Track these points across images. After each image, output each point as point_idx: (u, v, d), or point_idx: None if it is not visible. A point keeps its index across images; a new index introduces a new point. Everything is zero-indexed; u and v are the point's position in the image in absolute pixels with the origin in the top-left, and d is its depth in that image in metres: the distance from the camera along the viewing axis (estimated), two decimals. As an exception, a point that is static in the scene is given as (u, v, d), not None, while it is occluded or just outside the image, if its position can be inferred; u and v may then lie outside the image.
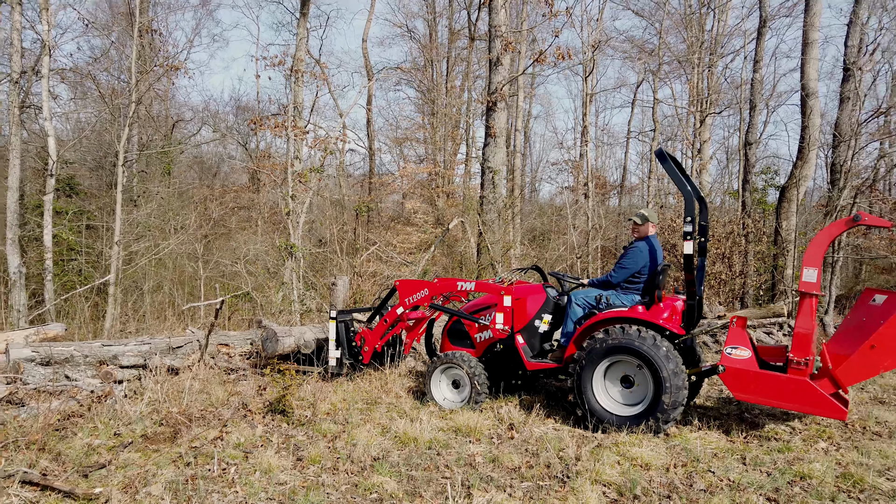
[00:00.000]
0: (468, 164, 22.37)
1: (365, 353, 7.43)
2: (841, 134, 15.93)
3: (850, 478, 4.93)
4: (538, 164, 33.78)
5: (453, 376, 6.91)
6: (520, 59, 20.61)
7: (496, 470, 5.04)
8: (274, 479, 4.76)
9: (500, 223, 13.74)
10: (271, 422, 6.18)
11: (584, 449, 5.47)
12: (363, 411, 6.53)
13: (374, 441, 5.58)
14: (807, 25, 16.25)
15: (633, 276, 6.69)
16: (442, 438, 5.73)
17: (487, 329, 7.01)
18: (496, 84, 14.03)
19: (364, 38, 25.90)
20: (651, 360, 5.97)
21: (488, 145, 14.01)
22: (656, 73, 24.57)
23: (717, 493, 4.60)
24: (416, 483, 4.75)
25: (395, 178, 21.53)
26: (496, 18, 14.32)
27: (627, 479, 4.80)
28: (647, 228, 6.85)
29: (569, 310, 6.76)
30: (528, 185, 30.93)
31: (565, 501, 4.45)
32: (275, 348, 7.47)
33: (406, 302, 7.31)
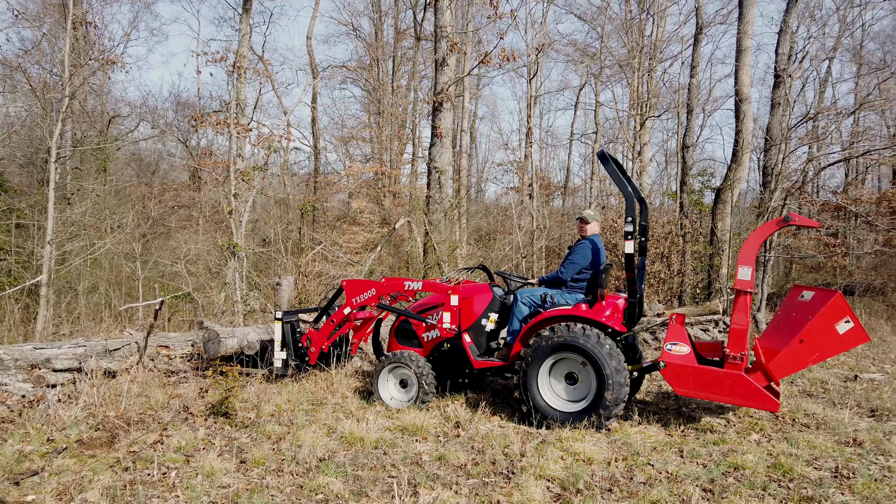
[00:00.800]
0: (414, 164, 22.41)
1: (312, 353, 7.38)
2: (772, 138, 16.57)
3: (781, 468, 5.14)
4: (484, 165, 34.04)
5: (401, 376, 6.92)
6: (465, 59, 20.75)
7: (442, 468, 5.07)
8: (217, 482, 4.68)
9: (446, 223, 13.79)
10: (214, 424, 6.07)
11: (529, 445, 5.55)
12: (308, 412, 6.47)
13: (319, 442, 5.54)
14: (740, 33, 16.86)
15: (577, 274, 6.82)
16: (388, 438, 5.73)
17: (435, 328, 7.03)
18: (442, 84, 14.08)
19: (309, 36, 25.61)
20: (594, 358, 6.10)
21: (435, 145, 14.05)
22: (598, 76, 25.08)
23: (655, 486, 4.74)
24: (363, 483, 4.74)
25: (340, 178, 21.38)
26: (442, 19, 14.38)
27: (570, 473, 4.90)
28: (592, 227, 7.02)
29: (514, 308, 6.85)
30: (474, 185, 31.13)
31: (510, 497, 4.50)
32: (217, 350, 7.34)
33: (353, 302, 7.29)
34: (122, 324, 10.28)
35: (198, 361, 7.51)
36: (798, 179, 18.41)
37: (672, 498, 4.51)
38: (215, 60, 14.45)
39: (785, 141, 16.40)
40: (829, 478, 5.00)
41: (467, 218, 19.04)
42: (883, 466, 5.29)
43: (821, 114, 20.93)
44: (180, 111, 26.65)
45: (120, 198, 15.99)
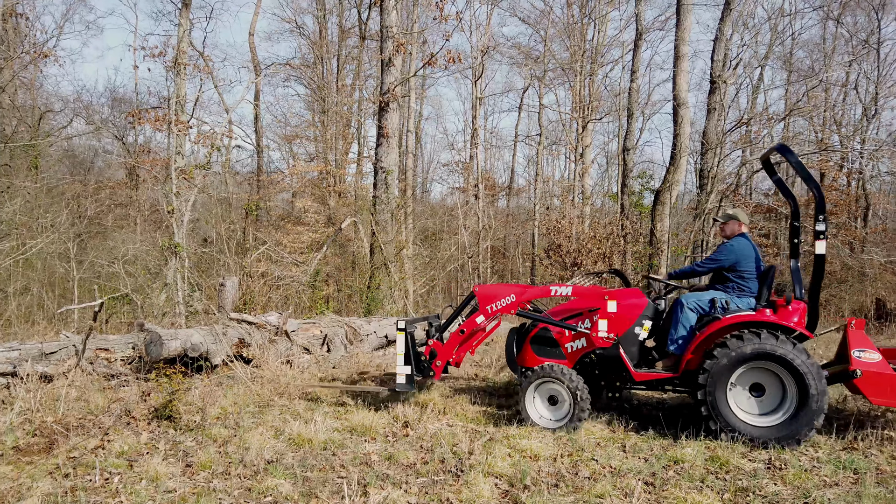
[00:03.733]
0: (360, 164, 22.30)
1: (437, 367, 6.68)
2: (708, 142, 17.17)
3: (718, 460, 5.35)
4: (429, 165, 34.14)
5: (549, 392, 6.31)
6: (411, 60, 20.78)
7: (392, 467, 5.10)
8: (162, 486, 4.60)
9: (393, 223, 13.80)
10: (157, 428, 5.95)
11: (477, 443, 5.62)
12: (255, 414, 6.40)
13: (267, 444, 5.49)
14: (678, 39, 17.40)
15: (740, 276, 6.42)
16: (337, 439, 5.73)
17: (581, 337, 6.48)
18: (388, 84, 14.09)
19: (251, 33, 25.21)
20: (795, 367, 5.70)
21: (381, 145, 14.05)
22: (542, 79, 25.46)
23: (600, 480, 4.87)
24: (312, 484, 4.73)
25: (284, 177, 21.12)
26: (388, 19, 14.38)
27: (518, 470, 4.99)
28: (734, 226, 6.65)
29: (680, 315, 6.33)
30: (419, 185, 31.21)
31: (459, 495, 4.56)
32: (159, 352, 7.18)
33: (488, 310, 6.61)
34: (57, 327, 9.93)
35: (139, 364, 7.33)
36: (732, 182, 19.13)
37: (616, 491, 4.64)
38: (154, 56, 14.09)
39: (720, 145, 17.03)
40: (762, 469, 5.22)
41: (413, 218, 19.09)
42: (812, 458, 5.56)
43: (753, 119, 21.82)
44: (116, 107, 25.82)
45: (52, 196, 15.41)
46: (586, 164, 24.00)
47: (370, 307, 12.30)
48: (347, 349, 8.70)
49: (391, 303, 12.68)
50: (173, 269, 10.35)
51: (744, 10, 19.54)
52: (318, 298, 11.94)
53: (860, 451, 5.74)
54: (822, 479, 5.05)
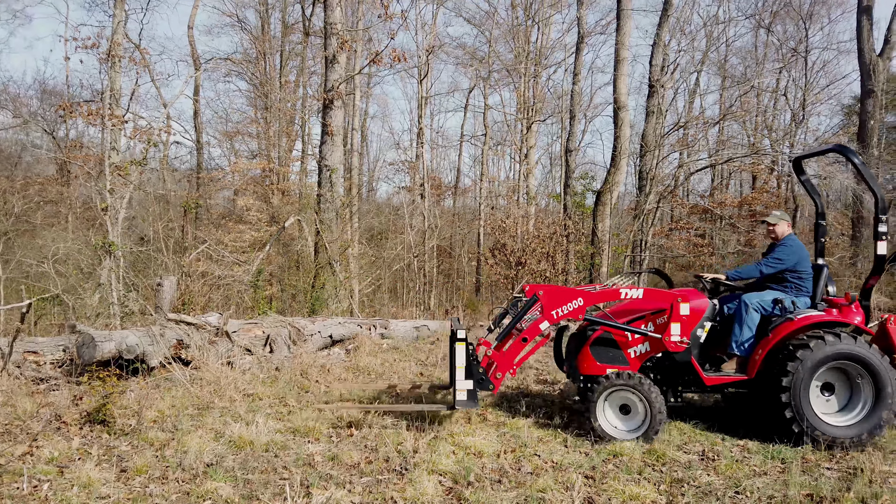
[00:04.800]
0: (304, 162, 22.02)
1: (496, 380, 6.13)
2: (647, 144, 17.61)
3: (655, 453, 5.52)
4: (375, 164, 33.96)
5: (621, 400, 6.01)
6: (356, 58, 20.62)
7: (335, 468, 5.06)
8: (95, 492, 4.45)
9: (338, 222, 13.68)
10: (90, 433, 5.75)
11: (422, 442, 5.62)
12: (194, 417, 6.24)
13: (206, 447, 5.37)
14: (618, 44, 17.79)
15: (793, 274, 6.41)
16: (280, 440, 5.64)
17: (645, 342, 6.24)
18: (332, 82, 13.95)
19: (190, 26, 24.67)
20: (873, 367, 5.75)
21: (325, 143, 13.90)
22: (487, 80, 25.64)
23: (542, 475, 4.96)
24: (253, 486, 4.66)
25: (225, 174, 20.68)
26: (332, 16, 14.24)
27: (462, 467, 5.03)
28: (783, 227, 6.61)
29: (744, 316, 6.21)
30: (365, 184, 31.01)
31: (403, 493, 4.56)
32: (92, 354, 6.92)
33: (553, 315, 6.13)
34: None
35: (71, 367, 7.05)
36: (670, 183, 19.66)
37: (557, 486, 4.73)
38: (86, 47, 13.56)
39: (658, 147, 17.49)
40: (696, 461, 5.42)
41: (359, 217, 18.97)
42: (743, 448, 5.79)
43: (690, 123, 22.49)
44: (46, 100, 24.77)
45: (-25, 192, 14.71)
46: (531, 164, 24.29)
47: (314, 307, 12.16)
48: (291, 349, 8.58)
49: (336, 302, 12.56)
50: (107, 268, 9.98)
51: (680, 17, 20.15)
52: (261, 298, 11.73)
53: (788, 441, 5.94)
54: (752, 468, 5.27)
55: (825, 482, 4.90)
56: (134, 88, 19.38)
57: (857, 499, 4.56)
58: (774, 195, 24.90)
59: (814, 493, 4.67)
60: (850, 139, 22.58)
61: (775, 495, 4.66)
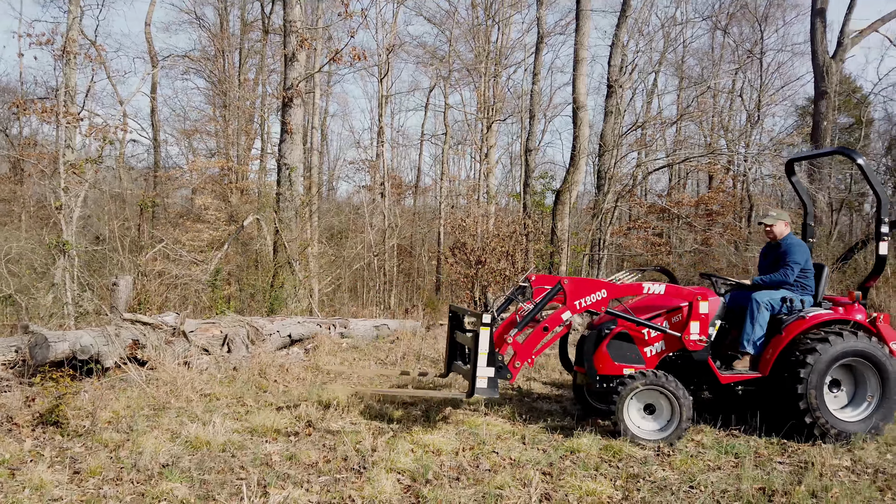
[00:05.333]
0: (263, 160, 21.82)
1: (514, 369, 5.98)
2: (605, 144, 17.88)
3: (611, 449, 5.62)
4: (335, 163, 33.74)
5: (646, 399, 5.95)
6: (316, 56, 20.50)
7: (293, 467, 5.05)
8: (47, 495, 4.36)
9: (297, 221, 13.61)
10: (43, 434, 5.62)
11: (380, 440, 5.63)
12: (150, 418, 6.16)
13: (162, 447, 5.29)
14: (577, 44, 18.01)
15: (805, 275, 6.50)
16: (237, 440, 5.60)
17: (661, 340, 6.22)
18: (292, 80, 13.87)
19: (147, 22, 24.15)
20: (881, 363, 6.01)
21: (285, 141, 13.81)
22: (447, 79, 25.71)
23: (500, 472, 5.01)
24: (210, 487, 4.62)
25: (183, 172, 20.36)
26: (291, 13, 14.15)
27: (420, 465, 5.06)
28: (782, 227, 6.66)
29: (756, 313, 6.24)
30: (325, 183, 30.81)
31: (361, 491, 4.57)
32: (45, 355, 6.79)
33: (576, 305, 6.05)
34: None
35: (23, 368, 6.91)
36: (628, 183, 20.02)
37: (515, 482, 4.78)
38: (41, 43, 13.23)
39: (617, 147, 17.78)
40: (652, 456, 5.53)
41: (319, 216, 18.87)
42: (698, 444, 5.94)
43: (648, 123, 22.90)
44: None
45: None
46: (491, 163, 24.43)
47: (273, 306, 12.08)
48: (249, 349, 8.53)
49: (295, 302, 12.50)
50: (61, 268, 9.77)
51: (639, 18, 20.48)
52: (219, 298, 11.60)
53: (741, 437, 6.14)
54: (707, 463, 5.40)
55: (777, 476, 5.04)
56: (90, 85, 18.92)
57: (808, 492, 4.70)
58: (730, 195, 25.49)
59: (766, 487, 4.80)
60: (804, 140, 23.26)
61: (728, 489, 4.78)
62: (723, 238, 20.22)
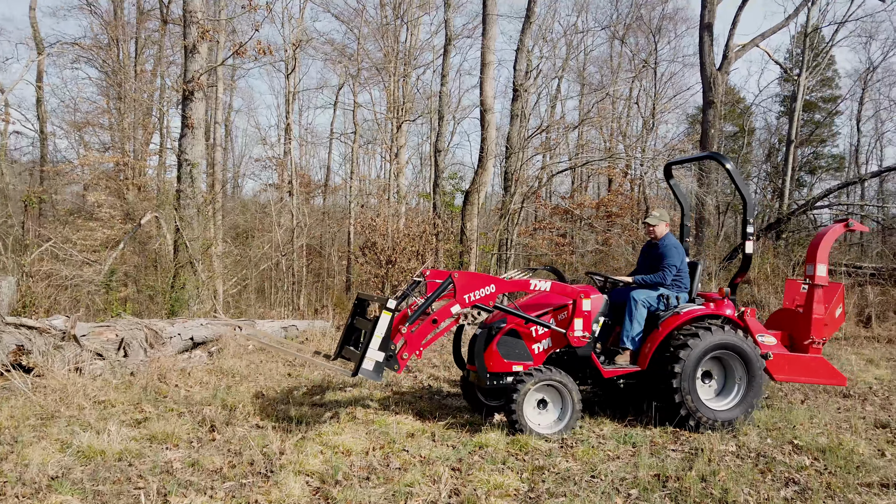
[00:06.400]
0: (162, 156, 20.83)
1: (403, 360, 5.88)
2: (512, 146, 18.24)
3: (518, 443, 5.76)
4: (240, 160, 32.75)
5: (539, 395, 6.12)
6: (219, 48, 19.77)
7: (196, 474, 4.88)
8: (-85, 518, 4.03)
9: (200, 219, 13.07)
10: (-90, 449, 5.16)
11: (288, 443, 5.51)
12: (37, 427, 5.77)
13: (51, 458, 4.99)
14: (484, 48, 18.28)
15: (679, 273, 6.80)
16: (134, 448, 5.34)
17: (547, 337, 6.37)
18: (193, 72, 13.33)
19: (32, 7, 22.62)
20: (746, 355, 6.40)
21: (185, 136, 13.24)
22: (356, 77, 25.47)
23: (410, 469, 5.03)
24: (104, 498, 4.40)
25: (74, 167, 19.14)
26: (192, 4, 13.60)
27: (330, 466, 5.01)
28: (662, 227, 6.98)
29: (634, 311, 6.53)
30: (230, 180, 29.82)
31: (269, 496, 4.47)
32: (-86, 364, 6.22)
33: (465, 299, 6.06)
34: None
35: None
36: (534, 185, 20.50)
37: (425, 479, 4.81)
38: None
39: (523, 149, 18.17)
40: (556, 449, 5.71)
41: (223, 214, 18.23)
42: (599, 435, 6.18)
43: (552, 127, 23.53)
44: None
45: None
46: (401, 163, 24.39)
47: (174, 308, 11.57)
48: (147, 353, 8.12)
49: (198, 303, 12.01)
50: (-70, 268, 8.95)
51: (543, 25, 21.04)
52: (115, 300, 10.99)
53: (638, 427, 6.45)
54: (607, 453, 5.63)
55: (670, 463, 5.31)
56: (-36, 71, 17.52)
57: (698, 476, 4.95)
58: (628, 197, 26.54)
59: (660, 473, 5.04)
60: (694, 146, 24.55)
61: (627, 477, 4.99)
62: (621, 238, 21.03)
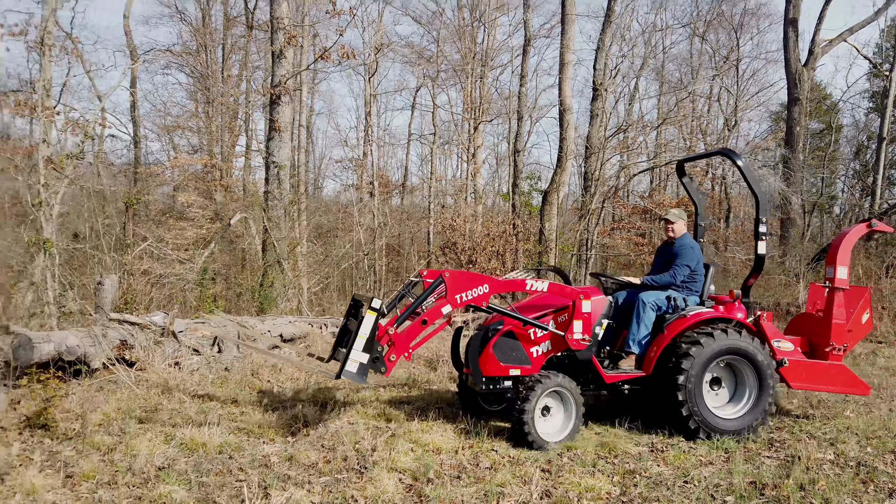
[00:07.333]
0: (248, 158, 21.53)
1: (390, 362, 5.62)
2: (591, 146, 17.94)
3: (607, 446, 5.70)
4: (321, 161, 33.53)
5: (544, 402, 5.81)
6: (302, 53, 20.29)
7: (293, 468, 4.99)
8: (40, 499, 4.26)
9: (286, 219, 13.43)
10: (31, 438, 5.48)
11: (380, 440, 5.60)
12: (142, 420, 6.04)
13: (157, 450, 5.22)
14: (563, 47, 18.11)
15: (693, 275, 6.55)
16: (233, 441, 5.52)
17: (546, 340, 6.06)
18: (280, 77, 13.70)
19: (126, 15, 23.77)
20: (757, 361, 6.06)
21: (273, 139, 13.63)
22: (434, 79, 25.65)
23: (500, 469, 5.01)
24: (209, 489, 4.55)
25: (165, 169, 20.01)
26: (278, 10, 13.97)
27: (421, 464, 5.05)
28: (681, 226, 6.74)
29: (642, 313, 6.28)
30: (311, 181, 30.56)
31: (364, 491, 4.54)
32: (30, 356, 6.58)
33: (457, 299, 5.80)
34: None
35: (6, 370, 6.68)
36: (613, 185, 20.10)
37: (515, 480, 4.80)
38: (14, 34, 12.92)
39: (603, 149, 17.85)
40: (647, 452, 5.61)
41: (307, 215, 18.68)
42: (688, 441, 5.98)
43: (632, 126, 23.03)
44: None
45: None
46: (478, 163, 24.46)
47: (263, 306, 11.92)
48: (240, 349, 8.37)
49: (285, 301, 12.33)
50: (41, 266, 9.47)
51: (622, 24, 20.61)
52: (207, 297, 11.41)
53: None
54: (699, 458, 5.48)
55: (766, 470, 5.13)
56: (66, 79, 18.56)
57: (796, 485, 4.79)
58: (710, 196, 25.76)
59: (756, 481, 4.88)
60: (779, 144, 23.56)
61: (721, 483, 4.85)
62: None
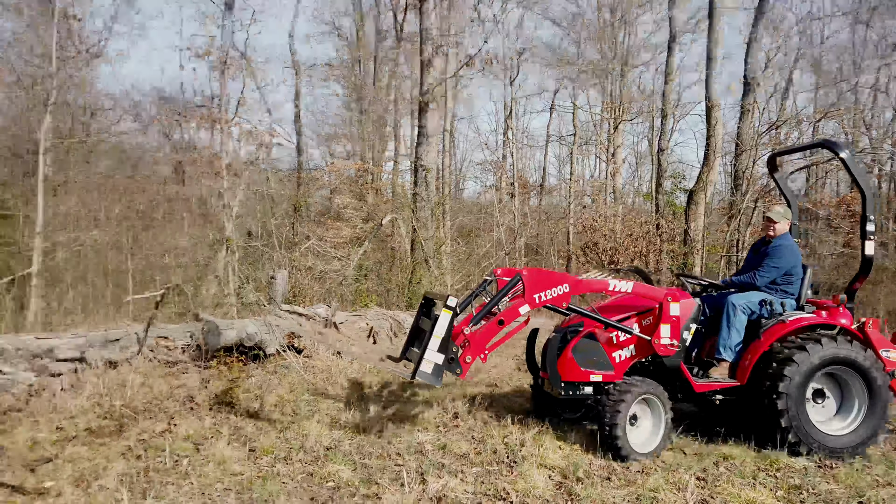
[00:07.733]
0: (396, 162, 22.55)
1: (466, 363, 5.33)
2: (743, 143, 17.14)
3: (767, 458, 5.42)
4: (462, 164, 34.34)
5: (633, 410, 5.45)
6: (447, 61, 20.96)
7: (446, 457, 5.27)
8: (229, 469, 4.80)
9: (432, 220, 14.05)
10: (218, 414, 6.16)
11: (528, 435, 5.75)
12: (310, 403, 6.62)
13: (324, 432, 5.68)
14: (710, 42, 17.47)
15: (785, 276, 6.13)
16: (391, 428, 5.89)
17: (630, 345, 5.73)
18: (428, 85, 14.33)
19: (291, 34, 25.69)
20: (867, 373, 5.56)
21: (421, 144, 14.29)
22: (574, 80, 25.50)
23: (652, 475, 5.01)
24: (371, 471, 4.91)
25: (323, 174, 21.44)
26: (427, 22, 14.62)
27: (570, 462, 5.15)
28: (784, 225, 6.29)
29: (732, 317, 5.85)
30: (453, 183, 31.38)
31: (515, 485, 4.71)
32: (217, 341, 7.46)
33: (535, 299, 5.47)
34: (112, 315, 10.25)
35: (197, 352, 7.61)
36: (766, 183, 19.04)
37: (669, 486, 4.77)
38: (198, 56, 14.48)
39: (756, 146, 17.01)
40: (813, 468, 5.29)
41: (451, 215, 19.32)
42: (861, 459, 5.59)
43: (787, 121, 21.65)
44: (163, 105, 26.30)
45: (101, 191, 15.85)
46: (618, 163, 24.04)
47: (412, 301, 12.54)
48: (392, 342, 8.93)
49: (431, 297, 12.86)
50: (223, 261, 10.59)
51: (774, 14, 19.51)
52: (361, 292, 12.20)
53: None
54: (875, 478, 5.14)
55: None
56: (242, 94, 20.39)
57: None
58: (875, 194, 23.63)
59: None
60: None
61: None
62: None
